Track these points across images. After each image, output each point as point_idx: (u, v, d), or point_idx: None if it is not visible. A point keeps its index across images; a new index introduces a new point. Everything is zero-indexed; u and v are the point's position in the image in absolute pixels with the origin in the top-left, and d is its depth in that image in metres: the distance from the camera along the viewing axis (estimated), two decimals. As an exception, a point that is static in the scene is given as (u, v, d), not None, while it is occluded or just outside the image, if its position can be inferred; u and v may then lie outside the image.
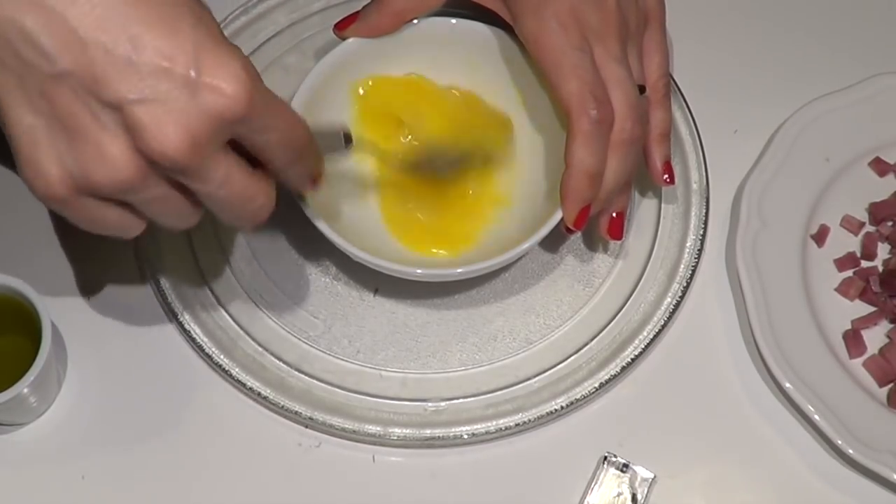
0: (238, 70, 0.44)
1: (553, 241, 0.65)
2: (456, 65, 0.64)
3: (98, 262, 0.64)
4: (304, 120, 0.50)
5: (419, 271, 0.58)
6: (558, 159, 0.57)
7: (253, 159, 0.49)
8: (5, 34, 0.43)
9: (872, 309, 0.64)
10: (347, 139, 0.57)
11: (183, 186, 0.47)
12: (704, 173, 0.67)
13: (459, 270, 0.58)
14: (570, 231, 0.58)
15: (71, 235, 0.65)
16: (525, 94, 0.63)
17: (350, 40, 0.62)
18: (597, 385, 0.61)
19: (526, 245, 0.57)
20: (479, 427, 0.60)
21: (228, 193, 0.47)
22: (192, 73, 0.43)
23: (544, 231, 0.57)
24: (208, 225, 0.65)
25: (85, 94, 0.43)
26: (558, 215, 0.57)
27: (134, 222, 0.48)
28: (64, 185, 0.45)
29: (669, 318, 0.63)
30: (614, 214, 0.61)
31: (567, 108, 0.56)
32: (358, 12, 0.62)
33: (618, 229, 0.62)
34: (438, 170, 0.63)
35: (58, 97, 0.43)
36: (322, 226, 0.57)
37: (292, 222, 0.65)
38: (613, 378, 0.61)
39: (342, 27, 0.62)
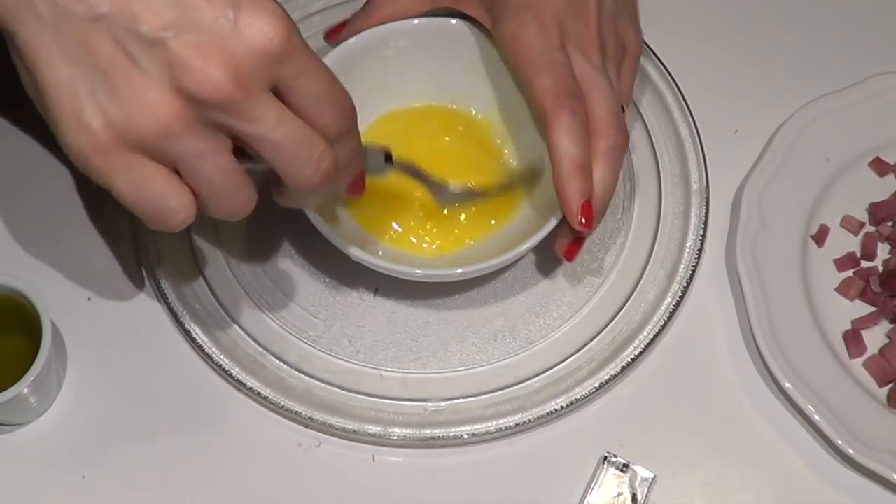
0: (276, 9, 0.44)
1: (553, 242, 0.65)
2: (456, 73, 0.64)
3: (98, 262, 0.64)
4: (346, 90, 0.48)
5: (419, 272, 0.58)
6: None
7: None
8: None
9: (872, 309, 0.64)
10: (388, 157, 0.56)
11: (236, 148, 0.45)
12: (704, 173, 0.67)
13: (459, 271, 0.58)
14: (573, 250, 0.58)
15: (71, 235, 0.65)
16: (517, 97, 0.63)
17: (346, 47, 0.61)
18: (597, 385, 0.61)
19: (525, 246, 0.57)
20: (479, 427, 0.60)
21: (285, 134, 0.45)
22: (230, 12, 0.43)
23: (544, 232, 0.57)
24: (208, 224, 0.65)
25: (124, 35, 0.43)
26: (558, 216, 0.57)
27: (183, 197, 0.45)
28: (108, 136, 0.43)
29: (669, 318, 0.63)
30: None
31: (541, 104, 0.56)
32: (347, 21, 0.63)
33: (575, 249, 0.59)
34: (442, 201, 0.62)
35: (96, 43, 0.43)
36: (322, 226, 0.57)
37: (292, 222, 0.65)
38: (613, 378, 0.61)
39: (332, 35, 0.63)
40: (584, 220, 0.56)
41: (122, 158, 0.44)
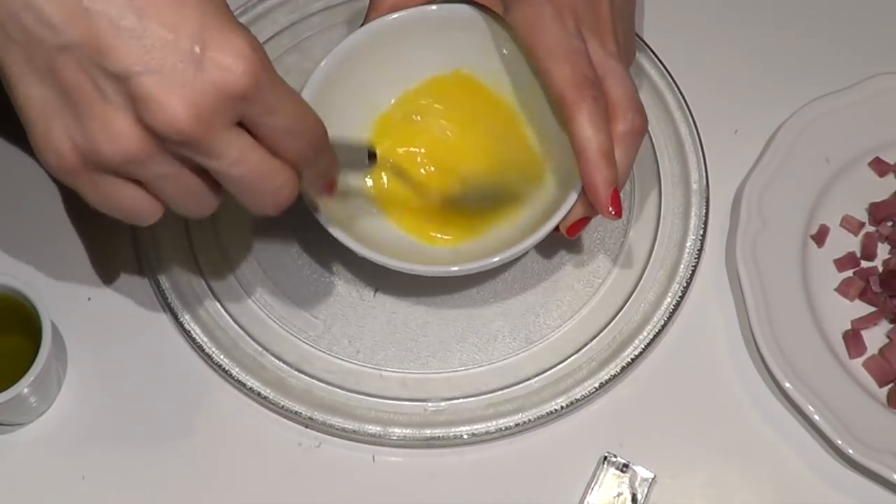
0: (243, 46, 0.44)
1: (553, 242, 0.65)
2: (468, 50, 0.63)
3: (98, 262, 0.64)
4: (318, 117, 0.49)
5: (421, 268, 0.58)
6: (560, 157, 0.57)
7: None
8: (10, 6, 0.43)
9: (872, 309, 0.64)
10: (371, 156, 0.56)
11: (199, 167, 0.46)
12: (704, 173, 0.67)
13: (456, 268, 0.58)
14: (577, 228, 0.58)
15: (71, 235, 0.65)
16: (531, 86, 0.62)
17: (358, 35, 0.61)
18: (597, 385, 0.61)
19: (526, 244, 0.57)
20: (479, 427, 0.60)
21: (243, 172, 0.46)
22: (197, 48, 0.43)
23: (545, 230, 0.57)
24: (208, 224, 0.65)
25: (90, 66, 0.43)
26: (559, 216, 0.57)
27: (149, 205, 0.48)
28: (74, 158, 0.45)
29: (669, 318, 0.63)
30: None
31: (561, 93, 0.55)
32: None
33: (579, 228, 0.59)
34: (461, 200, 0.62)
35: (64, 70, 0.44)
36: (329, 226, 0.57)
37: (292, 222, 0.65)
38: (613, 378, 0.61)
39: None
40: (613, 210, 0.56)
41: (88, 177, 0.46)
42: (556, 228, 0.58)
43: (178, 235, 0.64)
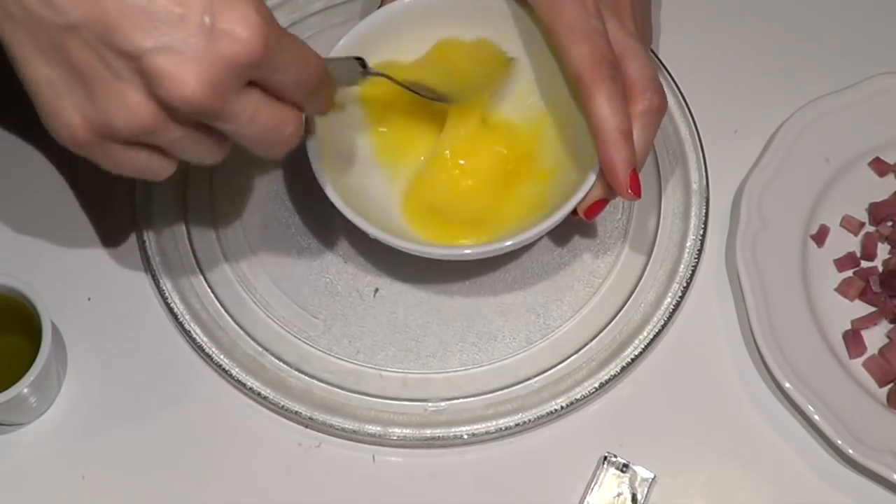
0: (251, 13, 0.44)
1: (553, 241, 0.65)
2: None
3: (98, 262, 0.64)
4: (318, 55, 0.50)
5: (434, 250, 0.58)
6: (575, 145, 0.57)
7: None
8: None
9: (872, 309, 0.64)
10: (363, 66, 0.56)
11: (207, 126, 0.47)
12: (704, 173, 0.67)
13: (469, 251, 0.57)
14: (594, 210, 0.57)
15: (71, 235, 0.65)
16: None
17: (376, 16, 0.61)
18: (597, 385, 0.61)
19: (543, 226, 0.56)
20: (479, 427, 0.60)
21: (257, 129, 0.47)
22: (206, 19, 0.43)
23: (562, 212, 0.56)
24: (209, 225, 0.65)
25: (98, 45, 0.43)
26: (577, 197, 0.56)
27: (163, 163, 0.49)
28: (87, 133, 0.45)
29: (669, 318, 0.63)
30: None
31: (578, 72, 0.55)
32: None
33: (598, 209, 0.58)
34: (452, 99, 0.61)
35: (71, 49, 0.43)
36: (343, 206, 0.57)
37: (293, 222, 0.65)
38: (613, 378, 0.61)
39: None
40: (631, 191, 0.55)
41: (101, 149, 0.46)
42: (575, 212, 0.57)
43: (179, 236, 0.64)
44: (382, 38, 0.61)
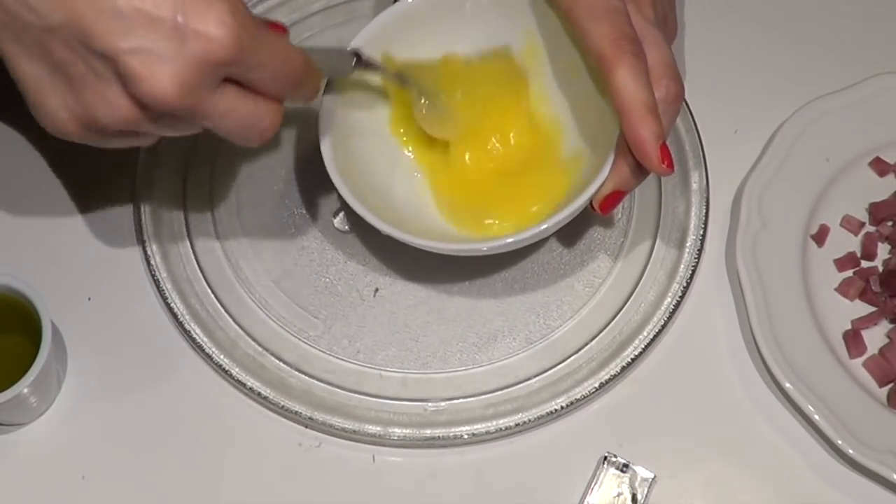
0: (223, 14, 0.45)
1: (553, 241, 0.65)
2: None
3: (98, 261, 0.64)
4: (300, 50, 0.50)
5: (451, 246, 0.58)
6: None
7: None
8: None
9: (872, 309, 0.64)
10: (358, 61, 0.57)
11: None
12: (704, 173, 0.67)
13: (485, 247, 0.57)
14: (610, 203, 0.57)
15: (71, 235, 0.65)
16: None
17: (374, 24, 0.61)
18: (597, 385, 0.61)
19: (557, 218, 0.56)
20: (479, 427, 0.60)
21: (232, 123, 0.49)
22: (180, 19, 0.44)
23: (577, 205, 0.56)
24: (209, 225, 0.65)
25: (77, 46, 0.44)
26: (591, 189, 0.56)
27: (147, 139, 0.51)
28: (73, 125, 0.47)
29: (669, 318, 0.63)
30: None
31: (600, 50, 0.53)
32: None
33: (614, 202, 0.58)
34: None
35: (53, 49, 0.45)
36: (363, 210, 0.57)
37: (293, 222, 0.65)
38: (613, 378, 0.61)
39: None
40: (665, 164, 0.53)
41: (89, 137, 0.49)
42: (591, 206, 0.57)
43: (179, 236, 0.64)
44: (402, 33, 0.61)
